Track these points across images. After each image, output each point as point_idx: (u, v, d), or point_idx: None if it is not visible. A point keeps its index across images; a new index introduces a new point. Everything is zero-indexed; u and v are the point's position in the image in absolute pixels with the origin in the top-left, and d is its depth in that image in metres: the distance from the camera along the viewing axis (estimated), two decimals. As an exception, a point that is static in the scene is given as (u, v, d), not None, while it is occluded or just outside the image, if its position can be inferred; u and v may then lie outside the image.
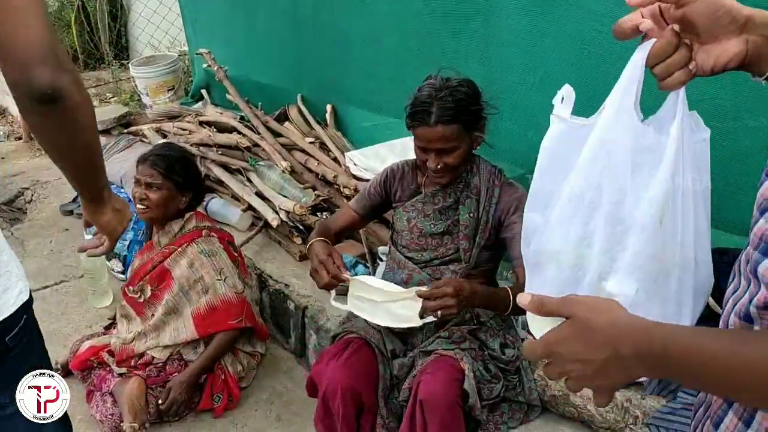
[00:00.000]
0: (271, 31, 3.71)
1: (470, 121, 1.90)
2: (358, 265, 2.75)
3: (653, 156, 0.84)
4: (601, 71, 2.03)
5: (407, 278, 2.08)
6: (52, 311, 3.04)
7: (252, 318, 2.49)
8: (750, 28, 0.80)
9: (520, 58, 2.30)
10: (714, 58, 0.82)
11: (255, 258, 3.03)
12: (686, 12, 0.81)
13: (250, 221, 3.27)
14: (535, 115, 2.28)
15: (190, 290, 2.43)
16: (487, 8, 2.36)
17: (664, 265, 0.86)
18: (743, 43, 0.80)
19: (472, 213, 2.03)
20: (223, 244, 2.51)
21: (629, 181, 0.85)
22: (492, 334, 2.01)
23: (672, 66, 0.84)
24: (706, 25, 0.81)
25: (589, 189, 0.87)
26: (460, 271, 2.04)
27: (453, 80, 1.92)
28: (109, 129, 4.47)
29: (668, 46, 0.83)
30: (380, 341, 2.03)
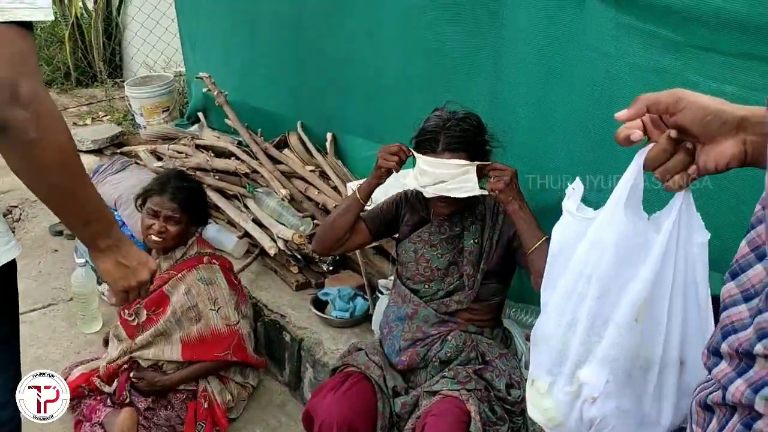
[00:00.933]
0: (272, 56, 3.70)
1: (476, 152, 1.93)
2: (356, 297, 2.71)
3: (640, 255, 0.89)
4: (612, 111, 2.02)
5: (412, 313, 2.06)
6: (39, 336, 2.97)
7: (241, 352, 2.43)
8: (746, 128, 0.81)
9: (529, 97, 2.29)
10: (713, 160, 0.83)
11: (250, 286, 2.98)
12: (677, 120, 0.84)
13: (245, 248, 3.23)
14: (542, 155, 2.28)
15: (182, 317, 2.40)
16: (497, 47, 2.36)
17: (639, 361, 0.90)
18: (740, 143, 0.81)
19: (477, 239, 2.04)
20: (224, 272, 2.48)
21: (613, 278, 0.90)
22: (498, 374, 1.98)
23: (669, 171, 0.86)
24: (699, 130, 0.83)
25: (580, 281, 0.93)
26: (465, 299, 2.03)
27: (459, 112, 1.96)
28: (102, 149, 4.42)
29: (662, 153, 0.86)
30: (381, 377, 2.00)
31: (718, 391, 0.71)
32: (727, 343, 0.70)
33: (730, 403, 0.69)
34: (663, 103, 0.86)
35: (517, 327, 2.28)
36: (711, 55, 1.75)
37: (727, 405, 0.70)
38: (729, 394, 0.68)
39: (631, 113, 0.88)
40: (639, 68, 1.91)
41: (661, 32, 1.82)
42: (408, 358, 2.03)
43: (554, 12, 2.13)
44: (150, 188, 2.47)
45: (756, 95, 1.70)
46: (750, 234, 0.72)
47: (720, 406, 0.71)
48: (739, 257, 0.72)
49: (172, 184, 2.44)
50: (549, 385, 0.98)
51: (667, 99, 0.85)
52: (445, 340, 2.01)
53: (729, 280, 0.72)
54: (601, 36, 2.00)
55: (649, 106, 0.87)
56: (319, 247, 2.25)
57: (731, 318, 0.70)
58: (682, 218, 0.89)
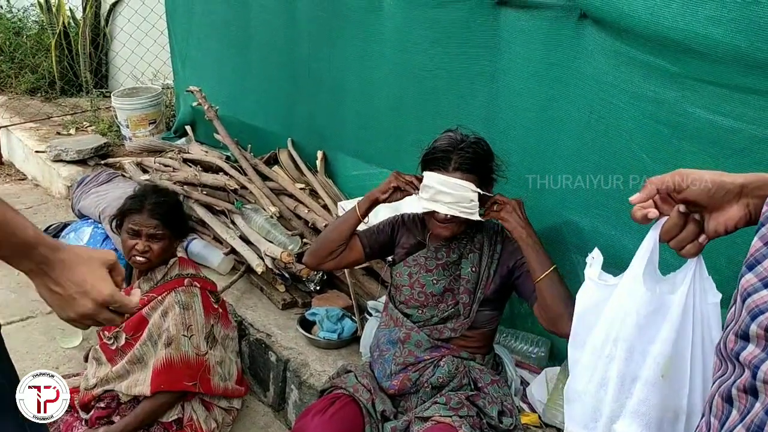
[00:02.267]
0: (263, 73, 3.69)
1: (484, 177, 1.93)
2: (344, 318, 2.68)
3: (659, 318, 0.99)
4: (608, 139, 2.04)
5: (405, 337, 2.03)
6: (17, 349, 2.88)
7: (207, 384, 2.34)
8: (746, 194, 0.93)
9: (524, 122, 2.30)
10: (722, 224, 0.94)
11: (236, 304, 2.93)
12: (685, 195, 0.96)
13: (231, 265, 3.18)
14: (536, 179, 2.28)
15: (158, 340, 2.31)
16: (493, 71, 2.36)
17: (669, 412, 1.00)
18: (744, 207, 0.93)
19: (474, 267, 2.02)
20: (203, 296, 2.39)
21: (637, 340, 1.01)
22: (490, 400, 1.96)
23: (682, 241, 0.98)
24: (706, 201, 0.95)
25: (608, 343, 1.03)
26: (459, 328, 2.01)
27: (471, 137, 1.96)
28: (86, 159, 4.36)
29: (675, 226, 0.98)
30: (369, 401, 1.97)
31: (744, 376, 0.76)
32: (756, 323, 0.75)
33: (761, 383, 0.73)
34: (670, 183, 0.97)
35: (507, 353, 2.26)
36: (708, 87, 1.76)
37: (748, 394, 0.75)
38: (761, 372, 0.73)
39: (644, 196, 0.99)
40: (636, 97, 1.92)
41: (659, 63, 1.84)
42: (399, 382, 2.00)
43: (551, 38, 2.14)
44: (127, 207, 2.35)
45: (751, 128, 1.72)
46: (761, 231, 0.80)
47: (742, 394, 0.76)
48: (754, 251, 0.79)
49: (149, 200, 2.34)
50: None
51: (673, 179, 0.97)
52: (438, 365, 1.98)
53: (747, 272, 0.79)
54: (598, 64, 2.01)
55: (659, 187, 0.98)
56: (312, 258, 2.21)
57: (756, 302, 0.76)
58: (696, 282, 0.99)
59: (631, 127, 1.97)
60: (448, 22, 2.51)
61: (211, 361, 2.35)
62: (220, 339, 2.44)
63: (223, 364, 2.43)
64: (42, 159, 4.52)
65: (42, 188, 4.56)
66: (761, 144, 1.70)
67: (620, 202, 2.05)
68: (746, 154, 1.74)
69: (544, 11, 2.12)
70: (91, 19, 5.76)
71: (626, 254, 1.93)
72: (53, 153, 4.37)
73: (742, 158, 1.75)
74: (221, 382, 2.40)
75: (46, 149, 4.47)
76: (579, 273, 2.25)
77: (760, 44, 1.60)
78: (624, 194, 2.02)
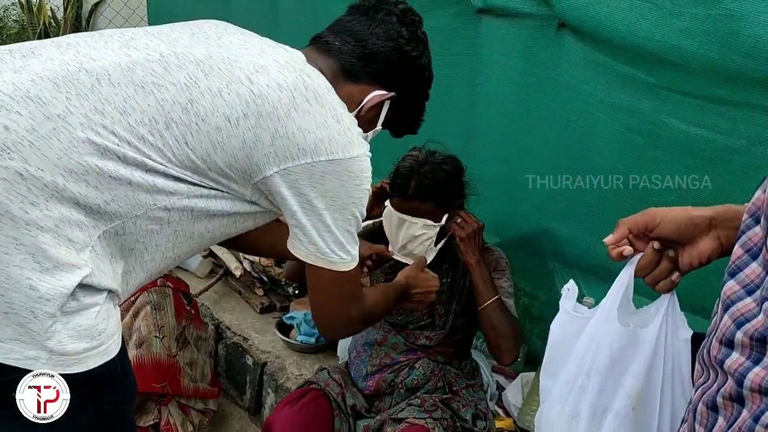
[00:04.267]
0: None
1: (447, 200, 1.93)
2: (322, 323, 2.68)
3: (631, 352, 1.02)
4: (584, 146, 2.07)
5: (382, 339, 2.05)
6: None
7: (176, 385, 2.33)
8: (716, 226, 0.96)
9: (502, 129, 2.32)
10: (696, 258, 0.98)
11: (213, 307, 2.92)
12: (657, 233, 0.99)
13: (209, 268, 3.17)
14: (515, 187, 2.30)
15: (128, 340, 2.29)
16: (473, 78, 2.38)
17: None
18: (715, 239, 0.96)
19: (449, 279, 2.03)
20: (175, 296, 2.37)
21: (609, 373, 1.03)
22: (464, 404, 1.97)
23: (656, 277, 1.01)
24: (678, 237, 0.98)
25: (580, 374, 1.06)
26: (435, 337, 2.02)
27: (437, 156, 1.94)
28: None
29: (650, 263, 1.01)
30: (339, 395, 1.98)
31: (728, 384, 0.77)
32: (741, 331, 0.76)
33: (748, 391, 0.74)
34: (641, 222, 1.01)
35: (483, 359, 2.27)
36: (683, 97, 1.79)
37: (734, 402, 0.76)
38: (747, 381, 0.74)
39: (617, 237, 1.02)
40: (612, 107, 1.95)
41: (635, 73, 1.87)
42: (375, 383, 2.00)
43: (531, 47, 2.16)
44: None
45: (723, 138, 1.75)
46: (742, 239, 0.82)
47: (728, 402, 0.77)
48: (735, 259, 0.81)
49: None
50: None
51: (644, 218, 1.00)
52: (413, 367, 1.99)
53: (729, 279, 0.81)
54: (576, 73, 2.04)
55: (630, 227, 1.01)
56: (290, 274, 2.21)
57: (740, 310, 0.78)
58: (669, 317, 1.02)
59: (607, 135, 2.00)
60: (429, 29, 2.47)
61: (180, 362, 2.33)
62: (192, 340, 2.42)
63: (194, 365, 2.41)
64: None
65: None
66: (734, 154, 1.73)
67: (597, 209, 2.07)
68: (719, 163, 1.77)
69: (524, 20, 2.14)
70: (72, 20, 5.72)
71: (601, 261, 1.96)
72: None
73: (715, 168, 1.79)
74: (191, 383, 2.38)
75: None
76: (555, 280, 2.28)
77: (734, 56, 1.63)
78: (600, 201, 2.05)
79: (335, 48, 1.34)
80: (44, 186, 1.03)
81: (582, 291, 2.12)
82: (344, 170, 1.21)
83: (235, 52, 1.20)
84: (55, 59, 1.10)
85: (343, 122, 1.22)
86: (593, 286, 2.10)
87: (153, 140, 1.10)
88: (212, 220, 1.22)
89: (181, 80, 1.13)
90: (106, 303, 1.13)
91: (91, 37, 1.18)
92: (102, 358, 1.12)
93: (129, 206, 1.11)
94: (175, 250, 1.22)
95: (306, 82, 1.20)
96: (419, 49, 1.40)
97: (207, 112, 1.12)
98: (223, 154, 1.15)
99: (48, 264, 1.04)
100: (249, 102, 1.14)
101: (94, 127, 1.06)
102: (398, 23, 1.37)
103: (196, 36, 1.23)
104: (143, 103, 1.10)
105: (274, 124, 1.15)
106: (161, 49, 1.16)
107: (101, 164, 1.07)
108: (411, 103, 1.46)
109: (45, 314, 1.03)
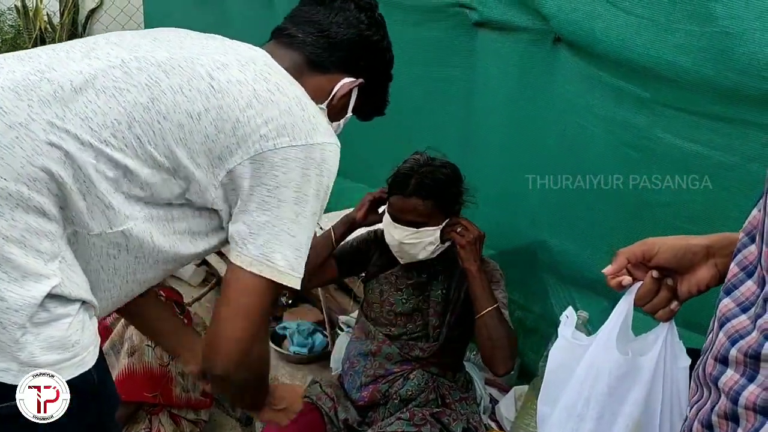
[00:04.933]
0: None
1: (446, 202, 1.93)
2: (316, 333, 2.67)
3: (630, 380, 1.03)
4: (579, 160, 2.07)
5: (376, 350, 2.04)
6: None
7: (168, 395, 2.31)
8: (713, 254, 0.98)
9: (498, 142, 2.33)
10: (694, 286, 0.99)
11: (206, 316, 2.90)
12: (656, 262, 1.01)
13: (203, 276, 3.17)
14: (510, 199, 2.30)
15: (120, 349, 2.28)
16: (469, 89, 2.39)
17: None
18: (713, 267, 0.98)
19: (444, 289, 2.03)
20: (169, 307, 2.36)
21: (608, 401, 1.04)
22: (455, 417, 1.96)
23: (656, 306, 1.02)
24: (675, 266, 1.00)
25: (579, 401, 1.07)
26: (428, 349, 2.01)
27: (437, 161, 1.96)
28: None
29: (649, 292, 1.02)
30: (332, 409, 1.98)
31: (722, 402, 0.78)
32: (736, 348, 0.77)
33: (742, 409, 0.75)
34: (639, 252, 1.02)
35: (477, 371, 2.27)
36: (678, 113, 1.79)
37: (729, 420, 0.77)
38: (742, 399, 0.75)
39: (616, 268, 1.03)
40: (608, 121, 1.96)
41: (630, 88, 1.87)
42: (369, 394, 2.00)
43: (526, 60, 2.17)
44: None
45: (718, 154, 1.76)
46: (737, 257, 0.83)
47: (723, 421, 0.78)
48: (731, 277, 0.83)
49: None
50: None
51: (642, 248, 1.02)
52: (408, 378, 1.99)
53: (724, 297, 0.83)
54: (572, 87, 2.04)
55: (629, 257, 1.03)
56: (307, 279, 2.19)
57: (735, 327, 0.79)
58: (668, 346, 1.03)
59: (602, 149, 2.00)
60: (425, 42, 2.53)
61: (173, 371, 2.32)
62: None
63: (186, 375, 2.40)
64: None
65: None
66: (728, 170, 1.74)
67: (591, 223, 2.08)
68: (713, 179, 1.78)
69: (520, 33, 2.15)
70: (69, 25, 5.71)
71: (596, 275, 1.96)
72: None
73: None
74: (183, 392, 2.36)
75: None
76: (550, 293, 2.28)
77: (729, 73, 1.63)
78: (595, 215, 2.06)
79: (298, 41, 1.34)
80: (9, 195, 1.02)
81: (576, 305, 2.12)
82: (307, 157, 1.18)
83: (198, 52, 1.21)
84: (17, 71, 1.10)
85: (307, 110, 1.21)
86: (588, 300, 2.10)
87: (116, 143, 1.09)
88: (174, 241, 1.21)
89: (142, 81, 1.13)
90: (80, 314, 1.11)
91: (53, 50, 1.18)
92: (77, 370, 1.11)
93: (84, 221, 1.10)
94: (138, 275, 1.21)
95: (267, 76, 1.20)
96: (380, 32, 1.41)
97: (168, 109, 1.12)
98: (186, 151, 1.13)
99: (15, 274, 1.02)
100: (209, 96, 1.14)
101: (57, 132, 1.06)
102: (356, 9, 1.37)
103: (157, 41, 1.23)
104: (105, 107, 1.10)
105: (235, 114, 1.14)
106: (122, 55, 1.16)
107: (63, 173, 1.06)
108: (377, 87, 1.47)
109: (14, 325, 1.02)
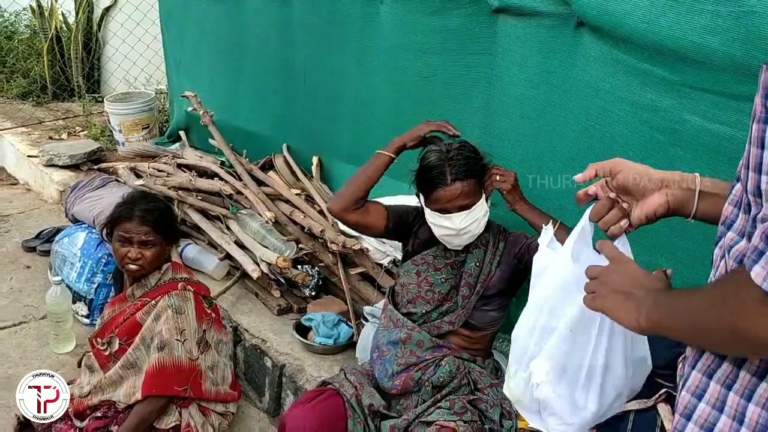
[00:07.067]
0: (259, 78, 3.69)
1: (482, 174, 2.00)
2: (341, 324, 2.68)
3: (576, 285, 1.15)
4: (604, 145, 2.06)
5: (406, 337, 2.06)
6: (10, 355, 2.87)
7: (198, 389, 2.32)
8: (667, 186, 1.11)
9: (521, 129, 2.32)
10: (645, 209, 1.12)
11: (231, 310, 2.93)
12: (617, 180, 1.13)
13: (226, 270, 3.18)
14: (534, 186, 2.29)
15: (151, 344, 2.30)
16: (490, 77, 2.38)
17: (573, 360, 1.22)
18: (664, 196, 1.11)
19: (478, 263, 2.07)
20: (197, 300, 2.37)
21: (559, 301, 1.21)
22: (492, 404, 1.98)
23: (608, 222, 1.16)
24: (632, 186, 1.13)
25: (540, 299, 1.25)
26: (456, 320, 2.04)
27: (454, 144, 2.01)
28: (79, 164, 4.33)
29: (603, 208, 1.16)
30: (354, 396, 1.99)
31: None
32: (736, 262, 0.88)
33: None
34: (607, 166, 1.15)
35: (504, 358, 2.27)
36: (704, 94, 1.78)
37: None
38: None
39: (584, 176, 1.18)
40: (633, 104, 1.95)
41: (655, 71, 1.86)
42: (402, 382, 2.01)
43: (548, 46, 2.16)
44: (116, 215, 2.34)
45: (745, 135, 1.73)
46: (729, 197, 0.95)
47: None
48: (728, 213, 0.94)
49: (139, 207, 2.32)
50: (515, 372, 1.30)
51: (609, 164, 1.15)
52: (439, 365, 2.01)
53: (726, 231, 0.93)
54: (595, 71, 2.03)
55: (597, 170, 1.16)
56: (337, 203, 2.14)
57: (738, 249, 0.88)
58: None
59: (627, 134, 1.99)
60: (445, 29, 2.52)
61: (202, 365, 2.34)
62: (213, 344, 2.43)
63: (215, 368, 2.42)
64: (34, 164, 4.49)
65: (34, 193, 4.53)
66: (756, 151, 1.72)
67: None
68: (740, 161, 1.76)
69: (542, 19, 2.14)
70: (84, 24, 5.74)
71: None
72: (45, 158, 4.34)
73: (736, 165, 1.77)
74: (212, 386, 2.39)
75: (38, 154, 4.45)
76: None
77: (756, 53, 1.62)
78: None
79: None
80: None
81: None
82: None
83: None
84: None
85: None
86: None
87: None
88: None
89: None
90: None
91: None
92: None
93: None
94: None
95: None
96: None
97: None
98: None
99: None
100: None
101: None
102: None
103: None
104: None
105: None
106: None
107: None
108: None
109: None
